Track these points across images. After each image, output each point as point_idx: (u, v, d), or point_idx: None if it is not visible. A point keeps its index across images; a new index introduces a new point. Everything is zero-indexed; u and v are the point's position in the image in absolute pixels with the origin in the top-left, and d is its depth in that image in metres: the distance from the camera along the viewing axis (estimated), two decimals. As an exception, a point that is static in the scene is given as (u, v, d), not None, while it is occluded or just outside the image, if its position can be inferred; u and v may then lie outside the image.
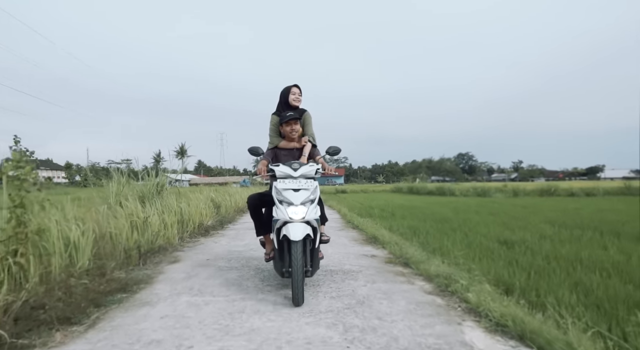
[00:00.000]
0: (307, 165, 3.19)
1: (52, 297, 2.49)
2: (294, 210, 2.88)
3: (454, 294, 2.97)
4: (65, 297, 2.55)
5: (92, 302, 2.69)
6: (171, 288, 3.28)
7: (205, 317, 2.56)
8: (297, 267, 2.70)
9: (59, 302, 2.48)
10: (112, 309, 2.73)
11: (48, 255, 2.81)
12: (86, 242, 3.25)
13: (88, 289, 2.82)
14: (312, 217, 2.93)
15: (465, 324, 2.41)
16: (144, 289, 3.23)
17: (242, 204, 12.59)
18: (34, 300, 2.37)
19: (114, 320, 2.52)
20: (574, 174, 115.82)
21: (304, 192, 2.99)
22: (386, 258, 4.54)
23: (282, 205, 2.94)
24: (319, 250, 3.27)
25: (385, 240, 5.45)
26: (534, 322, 2.24)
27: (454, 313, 2.62)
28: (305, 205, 2.94)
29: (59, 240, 2.98)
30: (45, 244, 2.88)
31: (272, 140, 3.65)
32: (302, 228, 2.81)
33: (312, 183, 3.08)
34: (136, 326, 2.41)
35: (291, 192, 2.97)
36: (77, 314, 2.48)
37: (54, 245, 2.91)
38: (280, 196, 2.97)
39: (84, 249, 3.18)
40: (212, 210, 8.34)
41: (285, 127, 3.49)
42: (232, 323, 2.46)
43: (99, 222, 3.78)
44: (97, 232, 3.54)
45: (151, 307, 2.77)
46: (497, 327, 2.32)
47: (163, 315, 2.61)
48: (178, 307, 2.79)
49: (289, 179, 3.05)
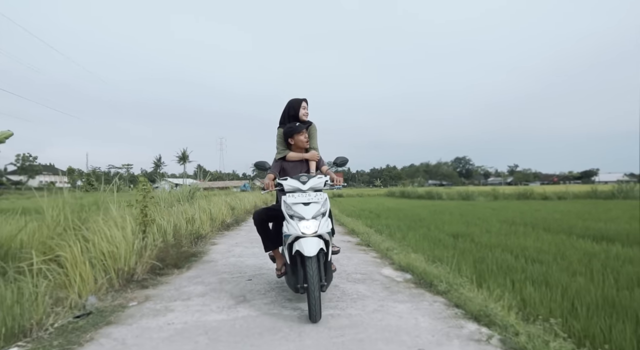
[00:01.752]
0: (316, 177, 3.17)
1: (166, 254, 4.64)
2: (306, 225, 2.85)
3: (388, 258, 5.12)
4: (171, 255, 4.70)
5: (183, 260, 4.84)
6: (221, 255, 5.45)
7: (249, 269, 4.71)
8: (313, 283, 2.68)
9: (169, 257, 4.62)
10: (194, 263, 4.89)
11: (154, 233, 4.96)
12: (169, 228, 5.40)
13: (178, 252, 4.96)
14: (324, 230, 2.90)
15: (385, 268, 4.56)
16: (205, 255, 5.41)
17: (249, 206, 14.72)
18: (158, 256, 4.51)
19: (198, 267, 4.68)
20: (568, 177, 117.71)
21: (314, 205, 2.96)
22: (357, 242, 6.70)
23: (293, 220, 2.90)
24: (332, 262, 3.27)
25: (359, 232, 7.60)
26: (421, 265, 4.35)
27: (383, 264, 4.78)
28: (316, 219, 2.91)
29: (160, 225, 5.15)
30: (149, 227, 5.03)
31: (280, 151, 3.63)
32: (315, 243, 2.79)
33: (321, 196, 3.05)
34: (213, 267, 4.59)
35: (301, 206, 2.94)
36: (179, 263, 4.63)
37: (158, 227, 5.07)
38: (291, 211, 2.94)
39: (169, 231, 5.33)
40: (229, 211, 10.48)
41: (298, 136, 3.50)
42: (264, 263, 4.62)
43: (173, 216, 5.94)
44: (172, 223, 5.70)
45: (215, 262, 4.93)
46: (400, 268, 4.47)
47: (225, 264, 4.79)
48: (230, 261, 4.97)
49: (298, 193, 3.04)
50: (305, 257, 2.74)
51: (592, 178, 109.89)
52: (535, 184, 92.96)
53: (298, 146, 3.57)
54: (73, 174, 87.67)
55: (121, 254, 3.76)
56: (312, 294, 2.66)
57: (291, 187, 3.08)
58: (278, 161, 3.60)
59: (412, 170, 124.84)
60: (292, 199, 2.98)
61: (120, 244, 3.80)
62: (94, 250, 3.59)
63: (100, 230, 3.81)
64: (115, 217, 4.23)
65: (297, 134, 3.50)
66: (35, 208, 4.52)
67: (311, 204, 2.96)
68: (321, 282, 2.76)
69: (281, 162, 3.59)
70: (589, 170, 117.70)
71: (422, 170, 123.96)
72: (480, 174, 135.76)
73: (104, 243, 3.68)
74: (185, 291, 3.60)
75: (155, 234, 4.72)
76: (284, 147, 3.63)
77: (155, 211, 5.43)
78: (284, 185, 3.11)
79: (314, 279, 2.69)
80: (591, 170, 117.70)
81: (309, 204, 2.96)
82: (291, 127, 3.51)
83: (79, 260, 3.20)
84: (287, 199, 2.99)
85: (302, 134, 3.51)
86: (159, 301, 3.29)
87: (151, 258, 4.14)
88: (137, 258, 3.98)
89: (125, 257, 3.80)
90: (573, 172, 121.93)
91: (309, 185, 3.09)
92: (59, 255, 3.27)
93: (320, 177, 3.19)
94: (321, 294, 2.76)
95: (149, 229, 4.67)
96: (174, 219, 5.97)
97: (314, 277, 2.69)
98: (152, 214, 4.99)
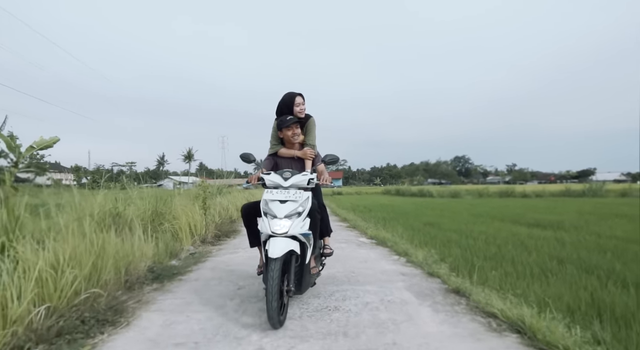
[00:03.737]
0: (300, 174, 3.00)
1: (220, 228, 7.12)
2: (277, 224, 2.70)
3: (364, 233, 7.57)
4: (223, 229, 7.18)
5: (230, 233, 7.30)
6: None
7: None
8: (271, 286, 2.47)
9: (222, 230, 7.11)
10: (236, 235, 7.35)
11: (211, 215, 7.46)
12: (216, 213, 7.89)
13: (220, 232, 7.42)
14: (298, 231, 2.72)
15: (361, 237, 7.05)
16: (237, 235, 7.87)
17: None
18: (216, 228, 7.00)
19: (238, 237, 7.14)
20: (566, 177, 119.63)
21: (290, 204, 2.80)
22: (347, 226, 9.18)
23: (267, 217, 2.78)
24: (318, 265, 3.15)
25: (349, 219, 10.07)
26: (384, 235, 6.78)
27: (360, 235, 7.25)
28: (290, 218, 2.74)
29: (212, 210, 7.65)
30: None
31: (272, 146, 3.47)
32: (283, 244, 2.62)
33: (302, 194, 2.87)
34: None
35: (277, 203, 2.80)
36: (228, 234, 7.11)
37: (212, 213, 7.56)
38: (266, 207, 2.82)
39: (217, 215, 7.82)
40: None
41: (286, 131, 3.30)
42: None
43: (217, 205, 8.44)
44: (217, 210, 8.18)
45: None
46: (370, 238, 6.95)
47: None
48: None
49: (279, 189, 2.89)
50: (269, 259, 2.57)
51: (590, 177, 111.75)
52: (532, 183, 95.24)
53: (288, 141, 3.38)
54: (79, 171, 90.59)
55: (197, 226, 6.24)
56: (269, 298, 2.45)
57: (272, 183, 2.95)
58: (271, 156, 3.43)
59: (411, 169, 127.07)
60: (269, 195, 2.85)
61: (196, 220, 6.27)
62: (183, 223, 6.06)
63: (184, 212, 6.28)
64: (184, 204, 6.70)
65: (285, 129, 3.29)
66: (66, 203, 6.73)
67: (287, 202, 2.80)
68: (287, 286, 2.64)
69: (274, 157, 3.43)
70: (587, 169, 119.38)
71: (421, 169, 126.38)
72: (479, 172, 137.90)
73: (189, 219, 6.15)
74: (239, 247, 6.07)
75: (213, 216, 7.21)
76: (277, 141, 3.45)
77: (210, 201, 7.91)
78: (265, 179, 2.99)
79: (273, 282, 2.48)
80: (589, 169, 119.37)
81: (285, 201, 2.80)
82: (282, 120, 3.30)
83: (183, 227, 5.69)
84: (265, 195, 2.87)
85: (290, 129, 3.29)
86: (226, 251, 5.78)
87: (215, 229, 6.63)
88: (206, 229, 6.47)
89: (199, 228, 6.28)
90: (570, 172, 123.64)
91: (290, 182, 2.92)
92: (173, 224, 5.76)
93: (304, 174, 3.02)
94: (289, 300, 2.70)
95: (207, 212, 7.15)
96: (217, 207, 8.45)
97: (273, 280, 2.48)
98: (208, 203, 7.48)
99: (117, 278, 3.36)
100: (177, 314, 2.92)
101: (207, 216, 6.96)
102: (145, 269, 3.86)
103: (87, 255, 3.05)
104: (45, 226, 3.23)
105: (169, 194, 7.19)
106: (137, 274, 3.69)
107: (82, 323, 2.55)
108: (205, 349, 2.33)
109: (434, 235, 7.30)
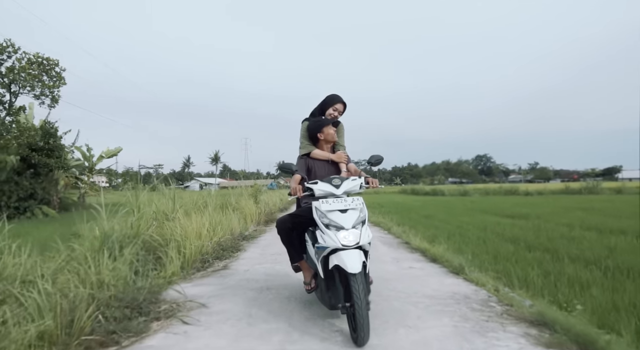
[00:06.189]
0: (349, 179, 2.84)
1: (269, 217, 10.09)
2: (346, 235, 2.51)
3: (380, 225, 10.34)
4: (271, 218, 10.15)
5: (270, 221, 10.27)
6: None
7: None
8: (360, 303, 2.33)
9: (271, 219, 10.07)
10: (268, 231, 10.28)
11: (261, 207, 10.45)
12: (263, 206, 10.87)
13: (267, 219, 10.36)
14: (366, 241, 2.57)
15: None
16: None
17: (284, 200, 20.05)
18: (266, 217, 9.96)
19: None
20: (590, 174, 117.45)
21: (352, 212, 2.62)
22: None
23: (330, 229, 2.56)
24: (369, 273, 2.87)
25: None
26: (386, 222, 9.49)
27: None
28: (357, 228, 2.56)
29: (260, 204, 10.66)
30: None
31: (304, 146, 3.35)
32: (358, 257, 2.47)
33: (360, 201, 2.72)
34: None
35: (338, 213, 2.60)
36: (267, 224, 10.06)
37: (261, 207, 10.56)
38: (326, 219, 2.60)
39: (264, 207, 10.81)
40: (280, 201, 15.96)
41: (328, 130, 3.25)
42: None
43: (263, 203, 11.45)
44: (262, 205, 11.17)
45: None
46: (372, 223, 9.72)
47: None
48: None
49: (332, 198, 2.70)
50: (349, 275, 2.39)
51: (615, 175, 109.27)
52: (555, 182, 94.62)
53: (327, 141, 3.31)
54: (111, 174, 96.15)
55: (253, 214, 9.19)
56: (359, 315, 2.30)
57: (323, 192, 2.77)
58: (303, 158, 3.34)
59: (433, 169, 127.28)
60: (326, 205, 2.64)
61: (252, 210, 9.23)
62: (247, 212, 8.99)
63: (246, 205, 9.21)
64: (239, 200, 9.68)
65: (326, 127, 3.24)
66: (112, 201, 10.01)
67: (349, 211, 2.61)
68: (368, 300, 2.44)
69: (306, 159, 3.33)
70: (612, 167, 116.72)
71: (442, 168, 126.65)
72: (501, 171, 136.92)
73: (249, 210, 9.09)
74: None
75: (263, 208, 10.19)
76: (309, 141, 3.36)
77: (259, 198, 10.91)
78: (314, 190, 2.80)
79: (360, 298, 2.32)
80: (614, 167, 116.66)
81: (346, 210, 2.61)
82: (319, 120, 3.28)
83: (248, 212, 8.67)
84: (321, 206, 2.65)
85: (332, 128, 3.28)
86: (274, 230, 8.68)
87: (264, 217, 9.60)
88: (258, 216, 9.43)
89: (256, 215, 9.24)
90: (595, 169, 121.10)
91: (343, 189, 2.76)
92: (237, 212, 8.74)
93: (354, 179, 2.86)
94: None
95: (258, 206, 10.10)
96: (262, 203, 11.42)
97: (360, 296, 2.32)
98: (259, 199, 10.46)
99: (230, 234, 6.41)
100: (266, 248, 6.00)
101: (258, 208, 9.91)
102: (238, 233, 6.88)
103: (214, 223, 6.06)
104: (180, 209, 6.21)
105: (224, 193, 10.17)
106: (235, 234, 6.72)
107: (223, 250, 5.52)
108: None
109: (424, 223, 9.97)
